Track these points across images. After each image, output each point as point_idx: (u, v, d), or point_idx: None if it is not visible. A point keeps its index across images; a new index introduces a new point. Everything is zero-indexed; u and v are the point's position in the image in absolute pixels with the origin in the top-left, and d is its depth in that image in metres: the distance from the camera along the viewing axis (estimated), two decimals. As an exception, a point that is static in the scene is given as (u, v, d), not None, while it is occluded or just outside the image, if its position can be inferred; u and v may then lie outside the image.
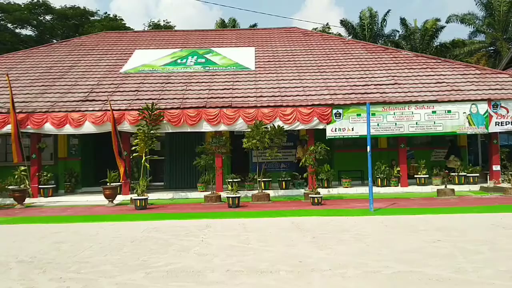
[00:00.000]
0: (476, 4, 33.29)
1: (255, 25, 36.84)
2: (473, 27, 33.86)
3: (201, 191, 14.53)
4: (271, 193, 14.02)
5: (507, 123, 14.27)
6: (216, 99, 14.65)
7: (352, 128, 14.24)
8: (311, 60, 17.90)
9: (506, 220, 8.73)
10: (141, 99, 14.70)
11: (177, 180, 16.94)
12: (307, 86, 15.49)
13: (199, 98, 14.75)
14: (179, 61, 18.07)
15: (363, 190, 14.28)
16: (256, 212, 10.83)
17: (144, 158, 13.43)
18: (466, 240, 6.89)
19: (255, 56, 18.39)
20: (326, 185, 14.92)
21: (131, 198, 12.81)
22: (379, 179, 14.97)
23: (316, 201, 11.90)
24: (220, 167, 14.53)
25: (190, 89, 15.43)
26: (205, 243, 7.11)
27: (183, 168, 16.89)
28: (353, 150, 16.43)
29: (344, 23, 35.96)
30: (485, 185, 14.71)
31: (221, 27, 35.89)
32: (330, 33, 33.91)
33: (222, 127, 14.19)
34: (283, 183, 14.97)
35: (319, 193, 12.23)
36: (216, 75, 16.61)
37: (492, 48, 33.36)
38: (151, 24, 39.81)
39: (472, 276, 4.91)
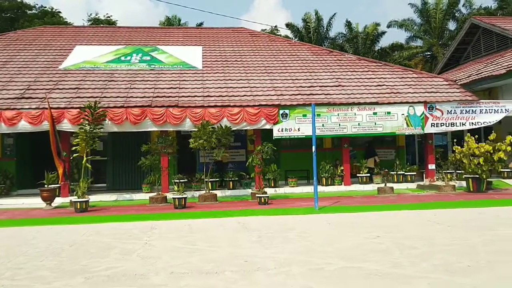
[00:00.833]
0: (414, 12, 35.11)
1: (201, 24, 36.55)
2: (411, 33, 35.65)
3: (146, 192, 14.18)
4: (218, 193, 13.95)
5: (442, 124, 15.12)
6: (162, 98, 14.35)
7: (298, 129, 14.49)
8: (259, 61, 18.03)
9: (440, 216, 9.25)
10: (82, 97, 14.10)
11: (120, 181, 16.41)
12: (254, 87, 15.58)
13: (144, 97, 14.38)
14: (123, 58, 17.52)
15: (308, 189, 14.56)
16: (202, 213, 10.73)
17: (85, 158, 12.88)
18: (404, 236, 7.22)
19: (203, 55, 18.23)
20: (273, 185, 15.08)
21: (70, 200, 12.24)
22: (324, 178, 15.35)
23: (263, 200, 11.99)
24: (166, 167, 14.26)
25: (134, 88, 15.00)
26: (149, 246, 6.93)
27: (127, 169, 16.38)
28: (299, 150, 16.72)
29: (289, 26, 36.55)
30: (421, 183, 15.52)
31: (167, 25, 35.21)
32: (278, 35, 34.34)
33: (169, 127, 13.92)
34: (231, 183, 14.96)
35: (266, 193, 12.34)
36: (162, 73, 16.28)
37: (428, 53, 35.29)
38: (91, 19, 38.12)
39: (408, 270, 5.15)
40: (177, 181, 13.87)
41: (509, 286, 4.45)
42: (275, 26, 35.34)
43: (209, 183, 13.89)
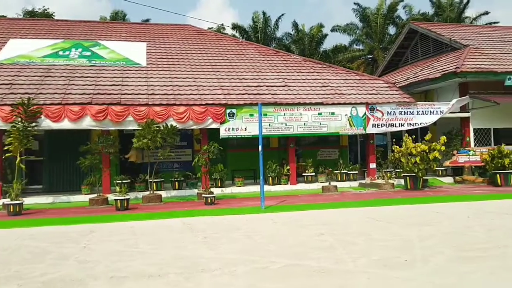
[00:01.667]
0: (356, 16, 36.39)
1: (147, 20, 35.64)
2: (354, 37, 36.92)
3: (86, 194, 13.58)
4: (163, 194, 13.66)
5: (382, 125, 15.75)
6: (103, 95, 13.80)
7: (245, 128, 14.50)
8: (205, 59, 17.85)
9: (380, 213, 9.61)
10: (15, 93, 13.25)
11: (58, 183, 15.56)
12: (201, 85, 15.40)
13: (83, 94, 13.75)
14: (60, 53, 16.64)
15: (255, 188, 14.61)
16: (146, 214, 10.44)
17: (19, 158, 12.11)
18: (346, 232, 7.42)
19: (147, 52, 17.75)
20: (219, 185, 14.99)
21: (3, 203, 11.46)
22: (271, 178, 15.47)
23: (209, 200, 11.87)
24: (107, 167, 13.73)
25: (73, 84, 14.31)
26: (88, 250, 6.62)
27: (65, 169, 15.57)
28: (246, 150, 16.72)
29: (236, 27, 36.56)
30: (363, 181, 16.08)
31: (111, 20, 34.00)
32: (225, 33, 34.24)
33: (110, 125, 13.41)
34: (176, 183, 14.69)
35: (212, 193, 12.23)
36: (104, 70, 15.66)
37: (370, 56, 36.70)
38: (25, 11, 35.88)
39: (349, 266, 5.28)
40: (119, 182, 13.42)
41: (441, 278, 4.68)
42: (222, 25, 35.19)
43: (154, 184, 13.54)
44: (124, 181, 13.53)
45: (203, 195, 12.17)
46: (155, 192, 13.20)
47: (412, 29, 23.48)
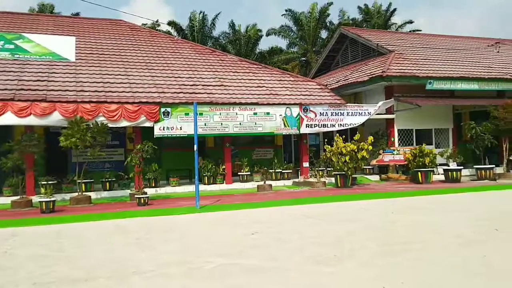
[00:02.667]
0: (290, 20, 37.21)
1: (78, 14, 33.90)
2: (289, 40, 37.75)
3: (8, 196, 12.66)
4: (93, 195, 13.09)
5: (315, 125, 16.27)
6: (27, 91, 12.94)
7: (181, 127, 14.30)
8: (139, 56, 17.34)
9: (312, 210, 9.93)
10: None
11: (-25, 184, 14.36)
12: (134, 83, 14.94)
13: (5, 89, 12.80)
14: (-21, 45, 15.36)
15: (190, 188, 14.45)
16: (74, 217, 9.94)
17: None
18: (280, 230, 7.58)
19: (76, 47, 16.88)
20: (153, 185, 14.66)
21: None
22: (206, 177, 15.40)
23: (142, 201, 11.57)
24: (31, 167, 12.89)
25: (-7, 78, 13.28)
26: (9, 255, 6.19)
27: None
28: (181, 149, 16.50)
29: (172, 23, 35.90)
30: (297, 180, 16.51)
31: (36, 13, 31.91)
32: (160, 30, 33.46)
33: (34, 122, 12.58)
34: (107, 184, 14.14)
35: (145, 193, 11.94)
36: (28, 64, 14.66)
37: (304, 58, 37.72)
38: None
39: (283, 263, 5.41)
40: (45, 183, 12.65)
41: (367, 271, 4.94)
42: (157, 21, 34.29)
43: (82, 185, 12.91)
44: (50, 182, 12.78)
45: (136, 196, 11.83)
46: (84, 193, 12.60)
47: (342, 33, 24.48)
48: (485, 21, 78.61)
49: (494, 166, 16.57)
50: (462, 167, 16.37)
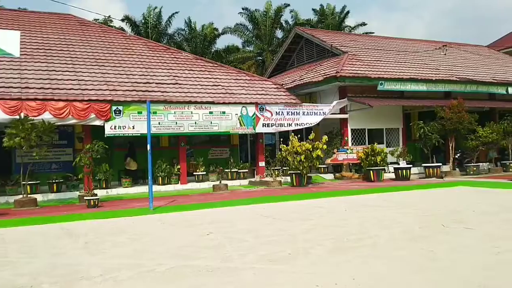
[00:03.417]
0: (246, 19, 37.28)
1: (25, 9, 32.15)
2: (244, 38, 37.79)
3: None
4: (39, 197, 12.49)
5: (272, 124, 16.35)
6: (-35, 87, 12.13)
7: (133, 126, 13.92)
8: (89, 53, 16.71)
9: (268, 209, 9.95)
10: None
11: None
12: (83, 80, 14.38)
13: None
14: None
15: (144, 189, 14.11)
16: (18, 220, 9.42)
17: None
18: (234, 230, 7.53)
19: (21, 42, 15.91)
20: (104, 186, 14.23)
21: None
22: (160, 178, 15.10)
23: (92, 203, 11.16)
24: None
25: None
26: None
27: None
28: (134, 149, 16.12)
29: (126, 18, 34.96)
30: (253, 179, 16.53)
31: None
32: (112, 26, 32.46)
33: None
34: (54, 185, 13.53)
35: (96, 195, 11.54)
36: (-33, 58, 13.77)
37: (260, 58, 37.90)
38: None
39: (237, 263, 5.35)
40: (-14, 185, 11.92)
41: (320, 268, 4.99)
42: (109, 17, 33.24)
43: (28, 186, 12.24)
44: (-9, 184, 12.06)
45: (85, 198, 11.39)
46: (29, 195, 11.97)
47: (298, 34, 24.77)
48: (434, 25, 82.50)
49: (441, 164, 17.35)
50: (411, 166, 17.01)
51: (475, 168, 17.64)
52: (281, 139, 16.76)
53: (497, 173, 17.66)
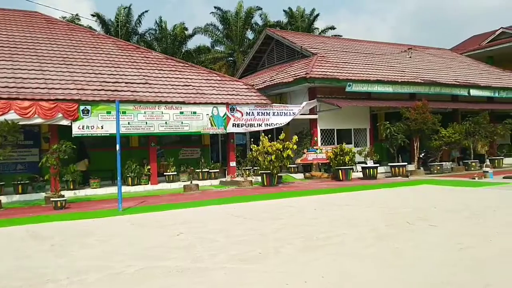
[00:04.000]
0: (217, 19, 37.19)
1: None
2: (215, 38, 37.67)
3: None
4: (4, 199, 12.12)
5: (242, 125, 16.40)
6: None
7: (102, 126, 13.68)
8: (56, 51, 16.28)
9: (238, 209, 10.00)
10: None
11: None
12: (50, 79, 14.02)
13: None
14: None
15: (113, 190, 13.84)
16: (-20, 223, 9.10)
17: None
18: (205, 230, 7.54)
19: (-17, 39, 15.46)
20: (72, 187, 13.92)
21: None
22: (130, 178, 14.90)
23: (59, 205, 10.90)
24: None
25: None
26: None
27: None
28: (103, 149, 15.78)
29: (97, 16, 34.22)
30: (224, 179, 16.54)
31: None
32: (80, 24, 31.72)
33: None
34: (20, 187, 13.14)
35: (63, 196, 11.28)
36: None
37: (231, 58, 37.88)
38: None
39: (207, 263, 5.38)
40: None
41: (290, 267, 5.08)
42: (76, 15, 32.47)
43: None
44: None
45: (51, 199, 11.11)
46: (-8, 197, 11.59)
47: (268, 35, 24.94)
48: (399, 28, 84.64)
49: (406, 163, 17.86)
50: (378, 165, 17.44)
51: (438, 167, 18.25)
52: (252, 139, 16.83)
53: (459, 172, 18.33)
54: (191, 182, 14.77)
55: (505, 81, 24.49)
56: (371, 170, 16.75)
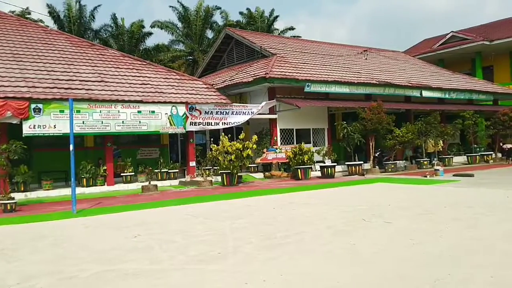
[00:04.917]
0: (176, 16, 36.72)
1: None
2: (174, 36, 37.19)
3: None
4: None
5: (200, 123, 16.28)
6: None
7: (55, 125, 13.17)
8: (5, 47, 15.52)
9: (198, 209, 9.92)
10: None
11: None
12: (-2, 75, 13.34)
13: None
14: None
15: (67, 191, 13.38)
16: None
17: None
18: (164, 231, 7.42)
19: None
20: (23, 189, 13.34)
21: None
22: (85, 179, 14.44)
23: (8, 207, 10.43)
24: None
25: None
26: None
27: None
28: (56, 149, 15.22)
29: (50, 11, 32.83)
30: (183, 179, 16.36)
31: None
32: (31, 19, 30.34)
33: None
34: (-36, 189, 12.40)
35: (13, 198, 10.77)
36: None
37: (190, 57, 37.50)
38: None
39: (165, 265, 5.29)
40: None
41: (249, 266, 5.10)
42: (27, 8, 31.05)
43: None
44: None
45: (0, 202, 10.57)
46: None
47: (228, 34, 24.90)
48: (355, 30, 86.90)
49: (362, 162, 18.37)
50: (336, 164, 17.83)
51: (392, 166, 18.90)
52: (212, 139, 16.75)
53: (412, 170, 19.04)
54: (149, 183, 14.51)
55: (454, 83, 25.69)
56: (329, 169, 17.09)
